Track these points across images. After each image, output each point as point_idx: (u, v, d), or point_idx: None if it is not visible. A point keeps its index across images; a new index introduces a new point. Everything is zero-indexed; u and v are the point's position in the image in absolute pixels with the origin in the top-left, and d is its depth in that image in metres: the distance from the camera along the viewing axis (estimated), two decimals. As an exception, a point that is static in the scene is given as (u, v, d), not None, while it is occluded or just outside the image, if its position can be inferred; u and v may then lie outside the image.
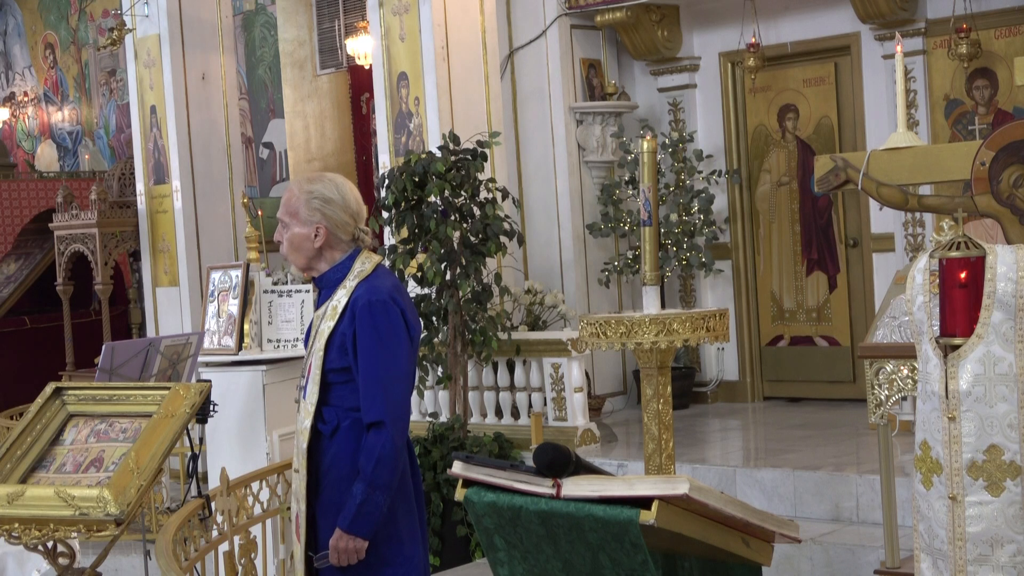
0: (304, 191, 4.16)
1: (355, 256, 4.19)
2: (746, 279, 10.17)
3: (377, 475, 3.99)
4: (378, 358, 4.03)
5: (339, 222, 4.15)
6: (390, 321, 4.06)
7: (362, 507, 3.99)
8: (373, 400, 4.02)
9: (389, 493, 4.03)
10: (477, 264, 8.39)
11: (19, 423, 4.77)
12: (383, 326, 4.04)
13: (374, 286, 4.11)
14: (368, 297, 4.07)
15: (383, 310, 4.06)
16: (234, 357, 7.98)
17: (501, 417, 8.95)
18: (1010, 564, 3.69)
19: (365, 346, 4.04)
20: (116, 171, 12.43)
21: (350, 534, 4.02)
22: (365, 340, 4.04)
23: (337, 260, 4.19)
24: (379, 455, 3.99)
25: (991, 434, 3.68)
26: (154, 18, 10.95)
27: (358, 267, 4.17)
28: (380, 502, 4.01)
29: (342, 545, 4.03)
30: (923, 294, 3.85)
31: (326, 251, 4.18)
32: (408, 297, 4.24)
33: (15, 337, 13.51)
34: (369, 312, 4.05)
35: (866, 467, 7.32)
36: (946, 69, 8.97)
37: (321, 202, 4.14)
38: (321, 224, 4.14)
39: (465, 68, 9.30)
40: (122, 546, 7.91)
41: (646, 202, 5.25)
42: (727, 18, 9.98)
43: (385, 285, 4.13)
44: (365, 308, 4.06)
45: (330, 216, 4.14)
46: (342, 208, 4.16)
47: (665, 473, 5.28)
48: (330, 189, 4.17)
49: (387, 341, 4.04)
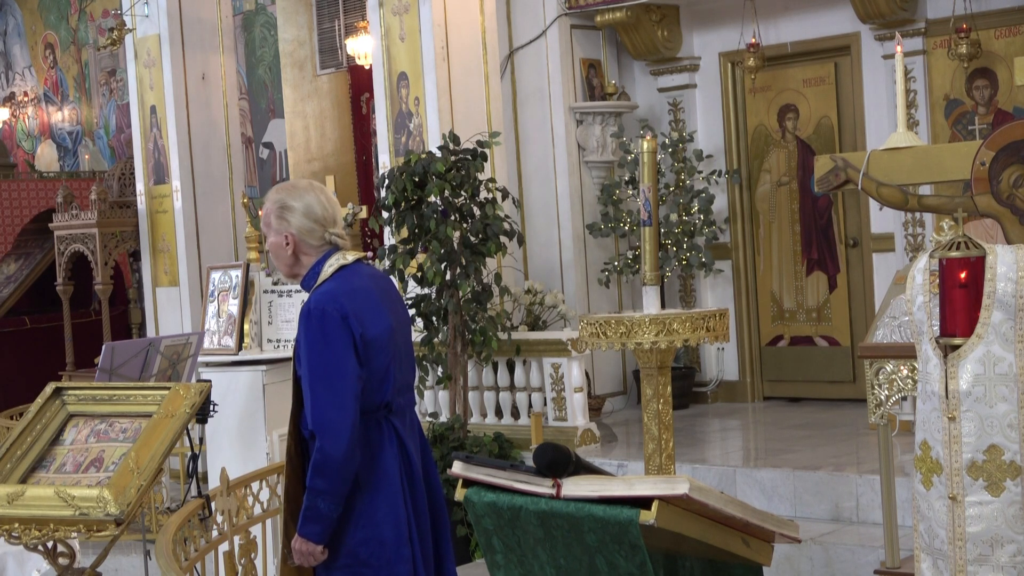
0: (272, 200, 4.27)
1: (323, 263, 4.23)
2: (746, 279, 10.17)
3: (314, 482, 4.07)
4: (310, 367, 4.10)
5: (303, 228, 4.21)
6: (322, 330, 4.09)
7: (306, 512, 4.09)
8: (311, 410, 4.10)
9: (333, 499, 4.07)
10: (477, 264, 8.39)
11: (19, 423, 4.77)
12: (312, 336, 4.10)
13: (317, 293, 4.17)
14: (307, 306, 4.15)
15: (315, 318, 4.10)
16: (234, 357, 7.98)
17: (501, 417, 8.95)
18: (1010, 564, 3.69)
19: (304, 354, 4.13)
20: (116, 171, 12.43)
21: (302, 537, 4.12)
22: (303, 347, 4.13)
23: (311, 265, 4.26)
24: (314, 462, 4.07)
25: (991, 434, 3.68)
26: (154, 18, 10.95)
27: (324, 272, 4.22)
28: (322, 508, 4.07)
29: (296, 547, 4.14)
30: (923, 294, 3.85)
31: (301, 256, 4.25)
32: (364, 300, 4.16)
33: (15, 337, 13.50)
34: (305, 321, 4.13)
35: (866, 467, 7.32)
36: (946, 69, 8.97)
37: (283, 210, 4.22)
38: (288, 232, 4.22)
39: (465, 68, 9.30)
40: (122, 546, 7.91)
41: (646, 202, 5.25)
42: (727, 18, 9.98)
43: (329, 291, 4.15)
44: (302, 317, 4.14)
45: (295, 223, 4.21)
46: (304, 214, 4.21)
47: (665, 473, 5.28)
48: (293, 197, 4.23)
49: (319, 350, 4.09)
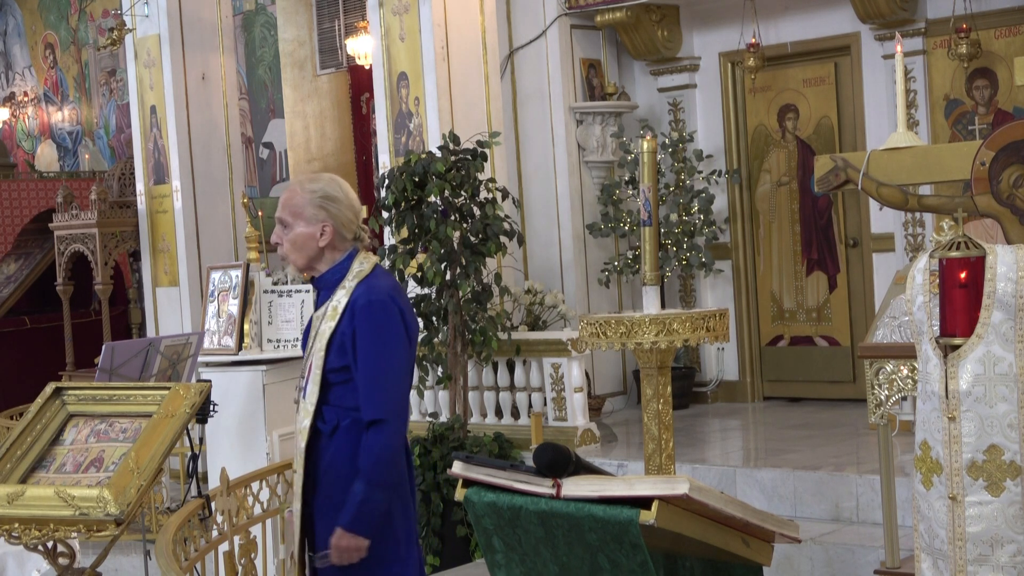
0: (308, 190, 4.19)
1: (353, 257, 4.22)
2: (746, 279, 10.17)
3: (377, 473, 4.01)
4: (378, 357, 4.06)
5: (344, 220, 4.18)
6: (389, 320, 4.09)
7: (362, 505, 4.00)
8: (373, 398, 4.05)
9: (388, 492, 4.05)
10: (477, 264, 8.39)
11: (19, 423, 4.77)
12: (382, 325, 4.07)
13: (373, 286, 4.15)
14: (368, 297, 4.10)
15: (382, 309, 4.09)
16: (234, 357, 7.98)
17: (501, 417, 8.95)
18: (1010, 564, 3.69)
19: (365, 345, 4.07)
20: (116, 171, 12.43)
21: (351, 532, 4.02)
22: (365, 339, 4.07)
23: (336, 260, 4.22)
24: (379, 453, 4.02)
25: (991, 434, 3.68)
26: (154, 18, 10.94)
27: (356, 267, 4.20)
28: (380, 500, 4.02)
29: (343, 544, 4.03)
30: (923, 294, 3.85)
31: (328, 251, 4.20)
32: (406, 298, 4.27)
33: (15, 337, 13.50)
34: (369, 311, 4.08)
35: (866, 467, 7.32)
36: (946, 69, 8.97)
37: (327, 201, 4.17)
38: (327, 223, 4.17)
39: (465, 68, 9.29)
40: (122, 546, 7.91)
41: (646, 202, 5.24)
42: (727, 18, 9.98)
43: (384, 285, 4.17)
44: (365, 308, 4.09)
45: (336, 215, 4.17)
46: (347, 207, 4.20)
47: (665, 473, 5.28)
48: (334, 188, 4.21)
49: (386, 340, 4.07)
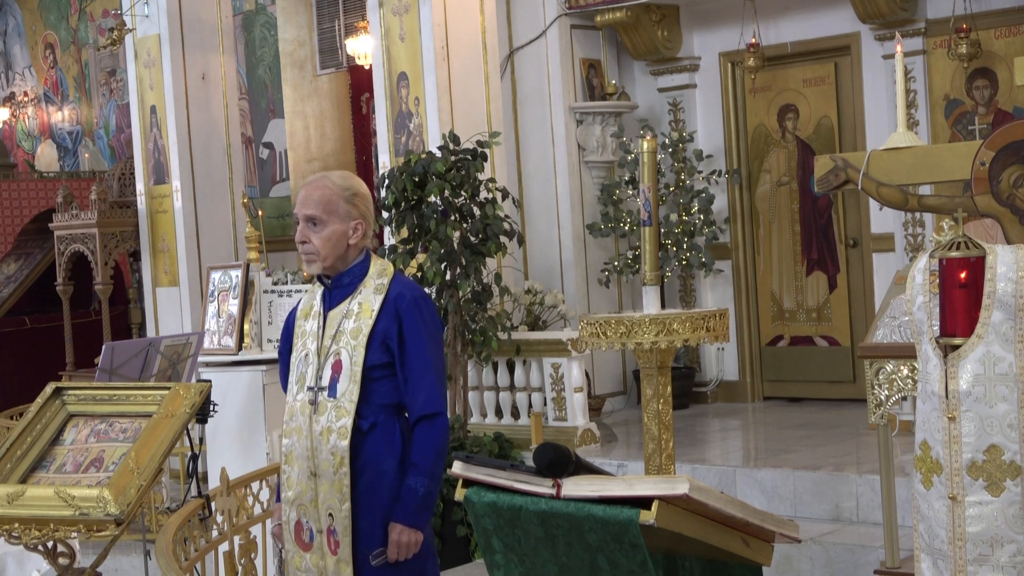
0: (341, 187, 4.15)
1: (369, 258, 4.23)
2: (746, 279, 10.17)
3: (436, 466, 4.03)
4: (429, 351, 4.09)
5: (371, 217, 4.21)
6: (435, 317, 4.17)
7: (424, 499, 4.01)
8: (427, 392, 4.06)
9: (440, 484, 4.09)
10: (477, 264, 8.39)
11: (19, 423, 4.77)
12: (430, 321, 4.13)
13: (409, 284, 4.21)
14: (412, 294, 4.14)
15: (428, 306, 4.16)
16: (234, 357, 7.98)
17: (501, 417, 8.95)
18: (1010, 564, 3.68)
19: (415, 340, 4.08)
20: (116, 171, 12.42)
21: (413, 527, 4.02)
22: (415, 334, 4.08)
23: (354, 260, 4.19)
24: (438, 446, 4.04)
25: (991, 434, 3.68)
26: (154, 18, 10.94)
27: (379, 266, 4.21)
28: (436, 494, 4.06)
29: (404, 539, 4.01)
30: (923, 294, 3.84)
31: (351, 250, 4.18)
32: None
33: (15, 337, 13.50)
34: (416, 307, 4.11)
35: (866, 467, 7.32)
36: (946, 69, 8.97)
37: (357, 197, 4.17)
38: (360, 220, 4.16)
39: (465, 68, 9.29)
40: (122, 546, 7.91)
41: (646, 202, 5.24)
42: (727, 18, 9.98)
43: (412, 284, 4.24)
44: (412, 304, 4.11)
45: (365, 213, 4.18)
46: (370, 204, 4.23)
47: (665, 473, 5.28)
48: (362, 186, 4.22)
49: (434, 335, 4.13)
